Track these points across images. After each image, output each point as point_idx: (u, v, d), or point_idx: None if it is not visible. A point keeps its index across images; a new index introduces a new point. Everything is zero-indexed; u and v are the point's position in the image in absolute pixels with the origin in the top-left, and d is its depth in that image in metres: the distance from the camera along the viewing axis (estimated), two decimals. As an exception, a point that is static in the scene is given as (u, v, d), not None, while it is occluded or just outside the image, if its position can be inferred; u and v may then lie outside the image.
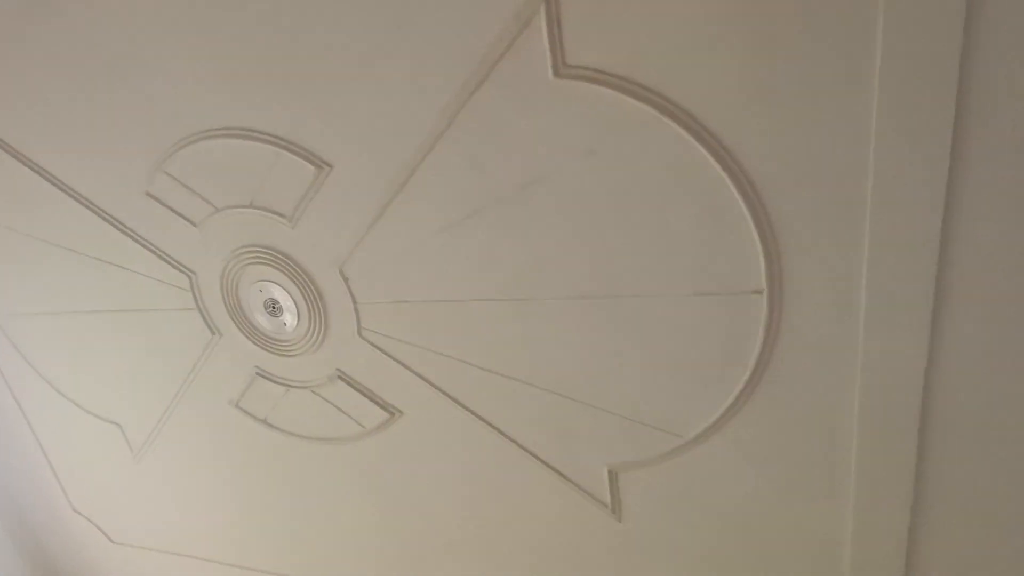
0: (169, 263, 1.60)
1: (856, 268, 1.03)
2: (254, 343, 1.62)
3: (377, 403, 1.57)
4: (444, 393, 1.48)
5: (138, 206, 1.54)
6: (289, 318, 1.54)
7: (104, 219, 1.60)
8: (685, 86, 1.02)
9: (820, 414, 1.17)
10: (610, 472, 1.41)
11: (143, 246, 1.60)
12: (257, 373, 1.67)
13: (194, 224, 1.51)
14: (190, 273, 1.60)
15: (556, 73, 1.07)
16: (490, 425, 1.47)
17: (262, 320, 1.58)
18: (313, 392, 1.63)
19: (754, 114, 1.00)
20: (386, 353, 1.49)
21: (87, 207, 1.60)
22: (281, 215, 1.42)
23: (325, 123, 1.27)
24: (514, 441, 1.47)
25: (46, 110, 1.49)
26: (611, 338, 1.26)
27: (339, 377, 1.58)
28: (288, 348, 1.59)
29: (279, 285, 1.51)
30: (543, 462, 1.47)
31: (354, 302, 1.46)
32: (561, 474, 1.46)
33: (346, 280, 1.44)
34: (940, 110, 0.90)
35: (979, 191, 0.93)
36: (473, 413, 1.48)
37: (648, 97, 1.04)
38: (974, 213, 0.94)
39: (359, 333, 1.49)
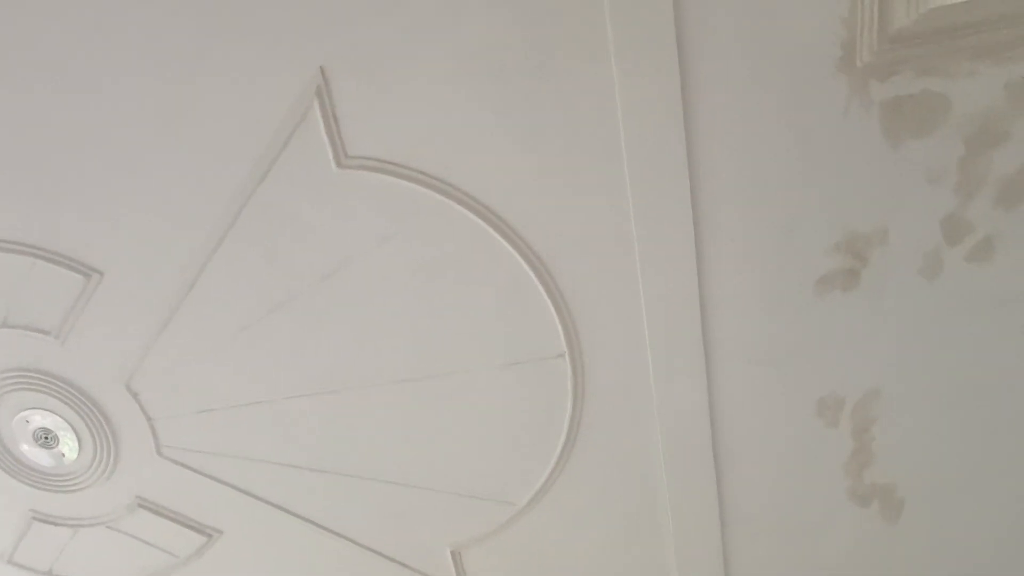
0: None
1: (638, 324, 1.13)
2: (24, 482, 1.37)
3: (189, 526, 1.39)
4: (265, 502, 1.35)
5: None
6: (68, 448, 1.33)
7: None
8: (464, 171, 1.07)
9: (632, 461, 1.25)
10: (453, 553, 1.37)
11: None
12: (33, 517, 1.41)
13: (-73, 354, 1.26)
14: (-72, 413, 1.32)
15: (339, 164, 1.07)
16: (321, 527, 1.37)
17: (32, 454, 1.34)
18: (109, 528, 1.41)
19: (529, 193, 1.07)
20: (193, 469, 1.34)
21: None
22: (44, 331, 1.23)
23: (89, 227, 1.14)
24: (350, 540, 1.38)
25: None
26: (432, 418, 1.25)
27: (140, 505, 1.38)
28: (71, 482, 1.37)
29: (50, 411, 1.30)
30: (384, 556, 1.39)
31: (148, 419, 1.30)
32: (404, 565, 1.40)
33: (135, 395, 1.28)
34: (678, 180, 1.03)
35: (722, 249, 1.08)
36: (301, 518, 1.37)
37: (431, 183, 1.08)
38: (721, 270, 1.09)
39: (159, 452, 1.33)
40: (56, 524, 1.41)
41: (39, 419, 1.31)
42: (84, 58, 1.00)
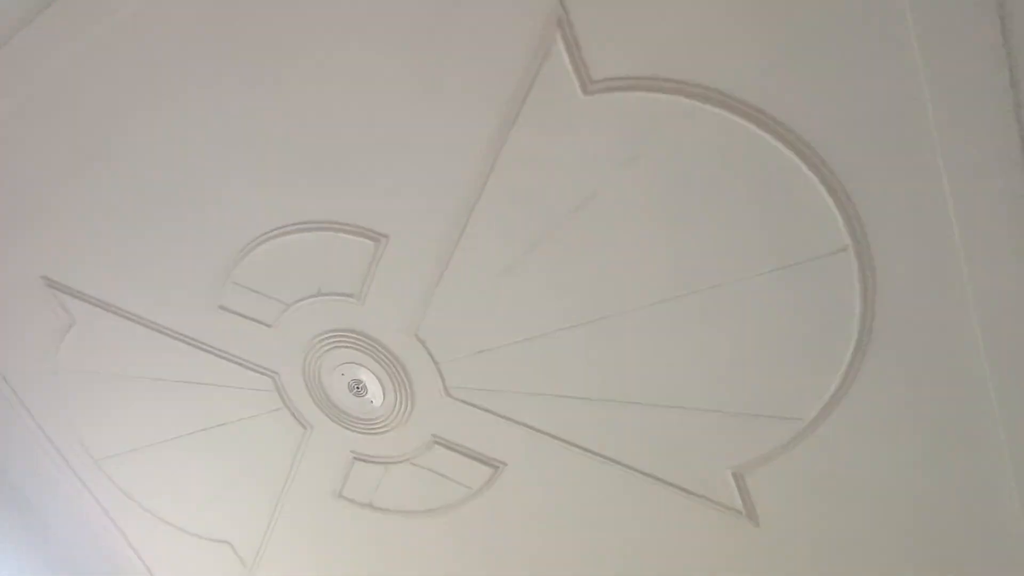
0: (251, 369, 1.65)
1: (938, 199, 1.00)
2: (346, 428, 1.64)
3: (479, 460, 1.55)
4: (545, 433, 1.45)
5: (214, 321, 1.61)
6: (376, 395, 1.56)
7: (185, 342, 1.67)
8: (713, 69, 1.03)
9: (941, 362, 1.10)
10: (735, 475, 1.34)
11: (225, 359, 1.66)
12: (354, 458, 1.68)
13: (268, 325, 1.56)
14: (272, 374, 1.64)
15: (585, 91, 1.10)
16: (599, 455, 1.43)
17: (349, 403, 1.60)
18: (412, 464, 1.62)
19: (790, 79, 1.00)
20: (478, 407, 1.48)
21: (168, 335, 1.67)
22: (349, 295, 1.46)
23: (373, 197, 1.31)
24: (628, 466, 1.42)
25: (116, 256, 1.59)
26: (702, 335, 1.23)
27: (436, 442, 1.57)
28: (380, 425, 1.60)
29: (360, 365, 1.53)
30: (663, 481, 1.41)
31: (435, 364, 1.47)
32: (685, 490, 1.40)
33: (423, 343, 1.46)
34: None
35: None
36: (578, 447, 1.44)
37: (680, 88, 1.06)
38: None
39: (447, 393, 1.49)
40: (372, 463, 1.66)
41: (353, 372, 1.55)
42: (341, 54, 1.15)
